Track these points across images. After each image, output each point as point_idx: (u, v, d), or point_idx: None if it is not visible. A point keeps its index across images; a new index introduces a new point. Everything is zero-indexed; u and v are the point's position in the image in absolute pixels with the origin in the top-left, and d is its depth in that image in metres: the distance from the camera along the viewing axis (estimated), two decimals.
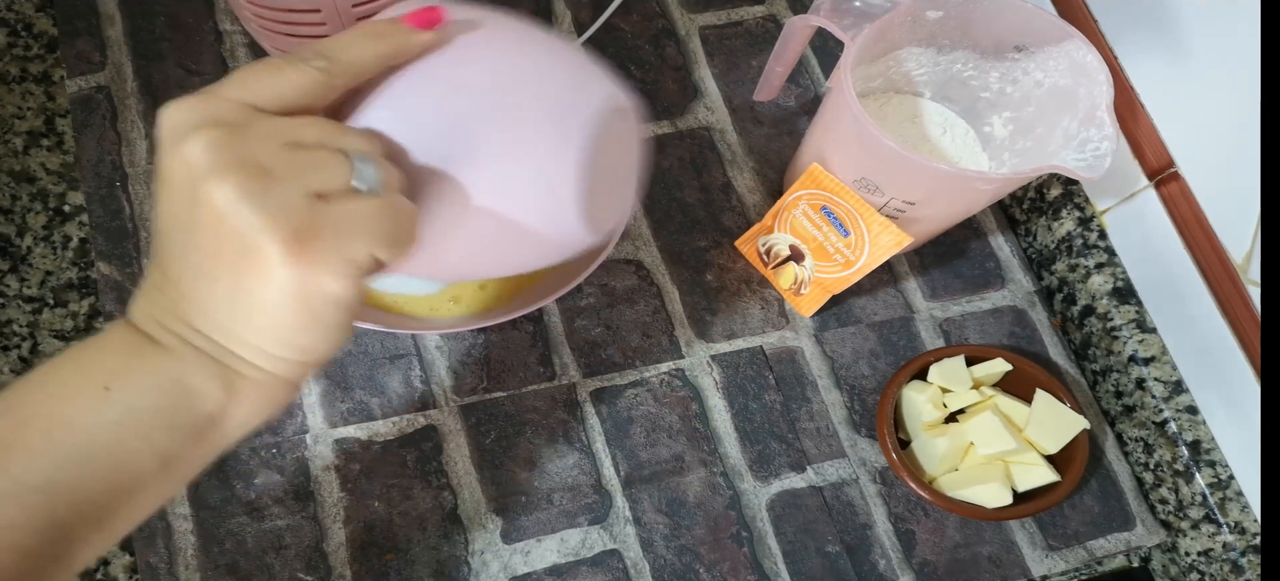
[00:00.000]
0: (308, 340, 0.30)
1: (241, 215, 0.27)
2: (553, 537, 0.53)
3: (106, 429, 0.29)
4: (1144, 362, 0.61)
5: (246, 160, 0.27)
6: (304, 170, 0.28)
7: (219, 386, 0.30)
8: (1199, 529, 0.59)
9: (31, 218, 0.56)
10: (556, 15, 0.70)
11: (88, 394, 0.29)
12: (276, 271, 0.28)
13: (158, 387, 0.30)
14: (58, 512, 0.28)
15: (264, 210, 0.27)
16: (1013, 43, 0.59)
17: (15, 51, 0.60)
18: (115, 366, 0.30)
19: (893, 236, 0.55)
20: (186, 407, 0.30)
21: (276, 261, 0.27)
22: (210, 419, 0.31)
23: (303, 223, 0.27)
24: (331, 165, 0.29)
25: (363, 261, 0.30)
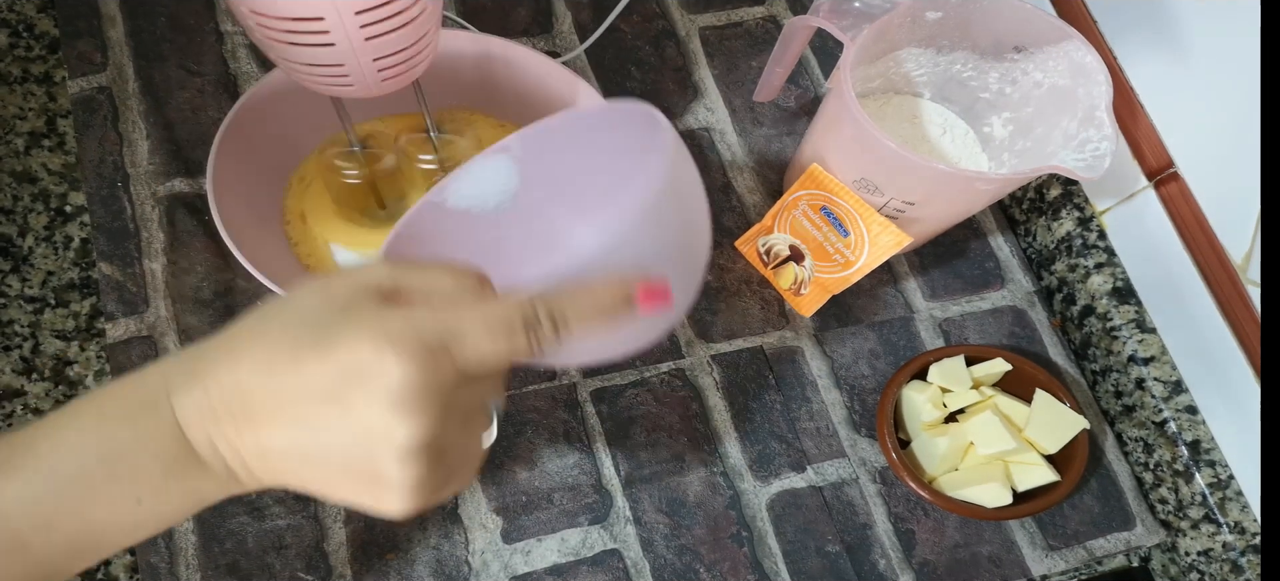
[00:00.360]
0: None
1: (400, 480, 0.28)
2: (553, 537, 0.53)
3: (126, 532, 0.29)
4: (1144, 362, 0.61)
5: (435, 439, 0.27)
6: (464, 460, 0.30)
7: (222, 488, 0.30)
8: (1199, 528, 0.59)
9: (33, 218, 0.56)
10: (557, 16, 0.70)
11: (120, 506, 0.28)
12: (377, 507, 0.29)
13: (184, 501, 0.30)
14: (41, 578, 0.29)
15: (420, 487, 0.28)
16: (1012, 43, 0.59)
17: (17, 52, 0.60)
18: (153, 484, 0.28)
19: (892, 236, 0.55)
20: (195, 507, 0.30)
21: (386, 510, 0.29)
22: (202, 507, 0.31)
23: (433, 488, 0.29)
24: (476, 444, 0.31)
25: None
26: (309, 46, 0.38)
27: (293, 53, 0.39)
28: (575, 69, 0.68)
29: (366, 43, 0.39)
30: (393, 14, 0.38)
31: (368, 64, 0.40)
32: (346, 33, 0.38)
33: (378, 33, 0.39)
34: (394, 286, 0.29)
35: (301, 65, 0.39)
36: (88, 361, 0.53)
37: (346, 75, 0.40)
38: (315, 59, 0.39)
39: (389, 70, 0.41)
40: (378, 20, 0.38)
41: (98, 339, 0.53)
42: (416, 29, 0.40)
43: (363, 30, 0.38)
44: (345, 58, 0.39)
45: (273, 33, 0.38)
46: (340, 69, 0.40)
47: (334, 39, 0.38)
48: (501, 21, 0.69)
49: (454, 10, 0.68)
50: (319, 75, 0.40)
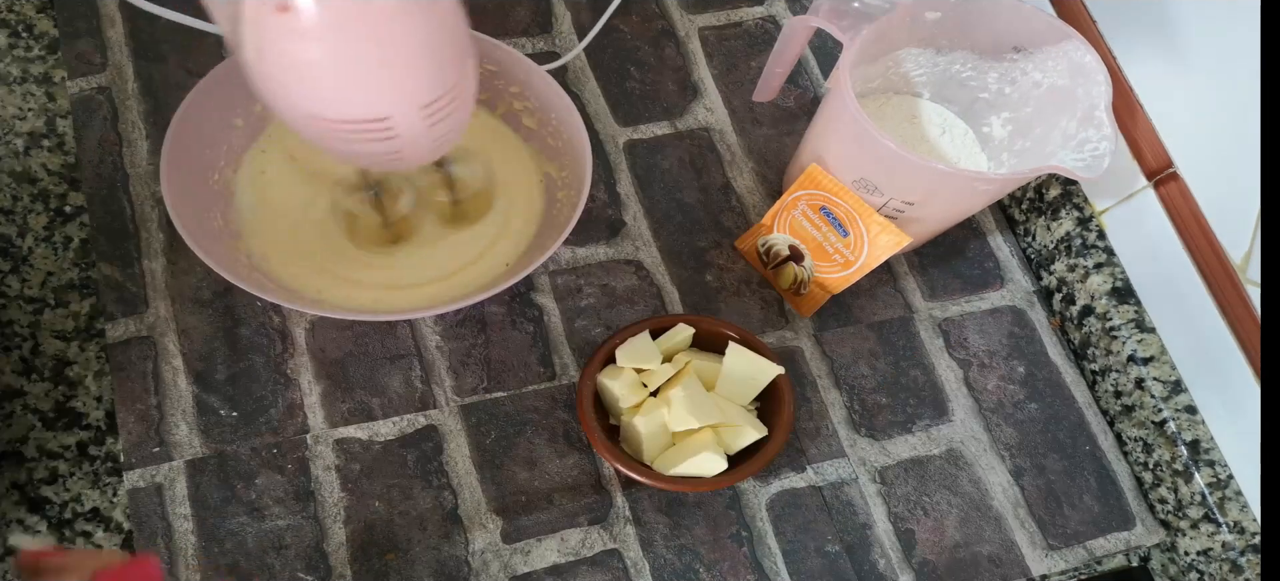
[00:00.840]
0: None
1: None
2: (553, 537, 0.53)
3: None
4: (1143, 362, 0.61)
5: None
6: None
7: None
8: (1198, 528, 0.59)
9: (32, 218, 0.56)
10: (556, 16, 0.70)
11: None
12: None
13: None
14: None
15: None
16: (1011, 43, 0.59)
17: (16, 52, 0.60)
18: None
19: (892, 236, 0.55)
20: None
21: None
22: None
23: None
24: None
25: None
26: (372, 142, 0.38)
27: (353, 148, 0.39)
28: (571, 65, 0.68)
29: (430, 128, 0.39)
30: (454, 100, 0.38)
31: (428, 146, 0.40)
32: (411, 126, 0.38)
33: (439, 118, 0.39)
34: None
35: (358, 155, 0.39)
36: (87, 361, 0.53)
37: (402, 155, 0.40)
38: (376, 151, 0.39)
39: (444, 141, 0.42)
40: (441, 107, 0.38)
41: (97, 339, 0.53)
42: (470, 100, 0.41)
43: (427, 121, 0.38)
44: (406, 147, 0.39)
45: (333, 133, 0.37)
46: (398, 154, 0.40)
47: (398, 132, 0.38)
48: (501, 21, 0.69)
49: None
50: (376, 159, 0.40)
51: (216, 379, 0.53)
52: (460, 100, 0.39)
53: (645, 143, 0.67)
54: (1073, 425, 0.63)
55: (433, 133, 0.39)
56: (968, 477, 0.60)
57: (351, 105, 0.36)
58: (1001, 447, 0.61)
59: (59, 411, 0.51)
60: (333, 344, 0.56)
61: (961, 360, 0.64)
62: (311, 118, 0.36)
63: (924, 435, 0.61)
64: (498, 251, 0.57)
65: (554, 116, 0.59)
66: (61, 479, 0.50)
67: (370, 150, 0.39)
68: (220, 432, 0.52)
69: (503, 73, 0.59)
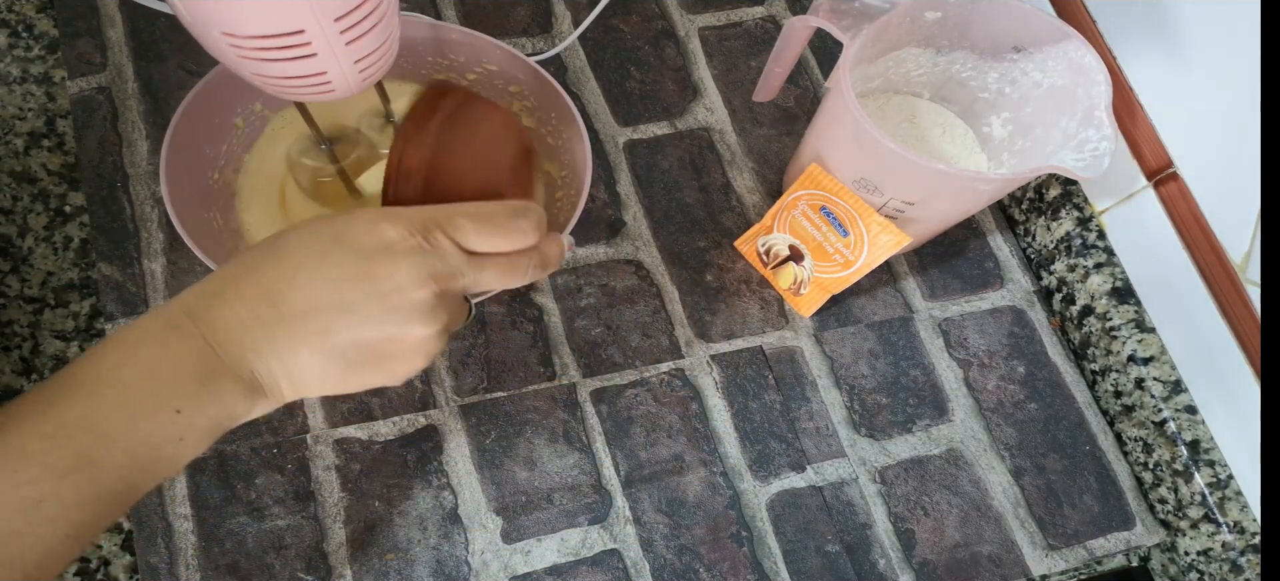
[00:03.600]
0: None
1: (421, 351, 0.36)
2: (553, 537, 0.53)
3: (172, 443, 0.33)
4: (1143, 362, 0.61)
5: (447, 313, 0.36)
6: (454, 321, 0.37)
7: (251, 405, 0.34)
8: (1198, 528, 0.59)
9: (32, 218, 0.56)
10: (556, 16, 0.70)
11: (162, 415, 0.32)
12: (396, 380, 0.36)
13: (219, 411, 0.33)
14: (115, 512, 0.32)
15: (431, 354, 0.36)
16: (1011, 43, 0.59)
17: (16, 52, 0.60)
18: (188, 391, 0.32)
19: (892, 236, 0.55)
20: (229, 420, 0.34)
21: (403, 377, 0.36)
22: (233, 424, 0.35)
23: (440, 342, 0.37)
24: (461, 316, 0.39)
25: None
26: (289, 61, 0.38)
27: (271, 68, 0.38)
28: (571, 65, 0.68)
29: (348, 46, 0.38)
30: (369, 13, 0.38)
31: (350, 66, 0.40)
32: (328, 41, 0.37)
33: (358, 34, 0.38)
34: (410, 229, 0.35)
35: (279, 78, 0.39)
36: None
37: (329, 82, 0.40)
38: (296, 71, 0.38)
39: (369, 68, 0.41)
40: (357, 21, 0.38)
41: (97, 339, 0.53)
42: (389, 23, 0.40)
43: (344, 35, 0.38)
44: (327, 65, 0.39)
45: (247, 51, 0.37)
46: (322, 77, 0.39)
47: (316, 49, 0.38)
48: (501, 21, 0.69)
49: (454, 11, 0.68)
50: (299, 86, 0.40)
51: None
52: (381, 14, 0.39)
53: (645, 142, 0.67)
54: (1073, 425, 0.63)
55: (353, 51, 0.39)
56: (968, 477, 0.60)
57: (263, 19, 0.36)
58: (1001, 447, 0.61)
59: None
60: None
61: (961, 360, 0.64)
62: (228, 37, 0.36)
63: (924, 435, 0.61)
64: None
65: (553, 116, 0.59)
66: None
67: (294, 72, 0.38)
68: None
69: (502, 72, 0.59)
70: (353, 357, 0.34)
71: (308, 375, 0.34)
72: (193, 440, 0.33)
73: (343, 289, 0.33)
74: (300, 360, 0.34)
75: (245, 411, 0.34)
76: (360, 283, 0.33)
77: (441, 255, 0.35)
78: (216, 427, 0.34)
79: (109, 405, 0.31)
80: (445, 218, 0.36)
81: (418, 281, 0.34)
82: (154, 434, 0.32)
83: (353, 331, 0.33)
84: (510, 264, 0.38)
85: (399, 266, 0.34)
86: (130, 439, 0.31)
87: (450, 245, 0.35)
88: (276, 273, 0.34)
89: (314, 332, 0.33)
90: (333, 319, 0.33)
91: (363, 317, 0.34)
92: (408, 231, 0.34)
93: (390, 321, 0.34)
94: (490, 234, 0.37)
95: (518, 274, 0.39)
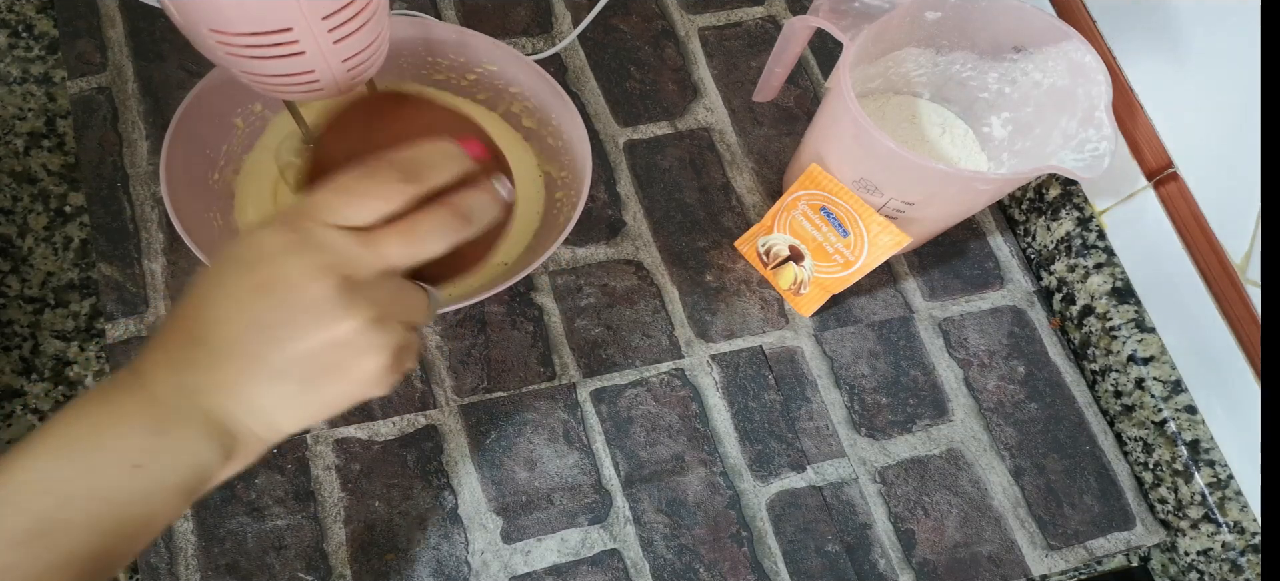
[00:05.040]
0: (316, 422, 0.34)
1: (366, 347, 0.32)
2: (553, 537, 0.53)
3: (137, 502, 0.32)
4: (1143, 362, 0.61)
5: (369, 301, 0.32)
6: (406, 311, 0.34)
7: (224, 456, 0.33)
8: (1198, 528, 0.59)
9: (32, 218, 0.56)
10: (556, 15, 0.70)
11: (120, 472, 0.31)
12: (367, 389, 0.33)
13: (182, 465, 0.32)
14: (87, 573, 0.31)
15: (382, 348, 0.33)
16: (1011, 43, 0.59)
17: (16, 52, 0.60)
18: (144, 446, 0.31)
19: (892, 236, 0.55)
20: (200, 476, 0.33)
21: (373, 384, 0.33)
22: (210, 480, 0.34)
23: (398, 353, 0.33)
24: (420, 305, 0.35)
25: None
26: (277, 58, 0.38)
27: (259, 66, 0.38)
28: (571, 65, 0.68)
29: (336, 45, 0.38)
30: (357, 12, 0.38)
31: (338, 65, 0.39)
32: (316, 39, 0.37)
33: (346, 33, 0.38)
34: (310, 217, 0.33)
35: (268, 77, 0.39)
36: (87, 362, 0.53)
37: (317, 80, 0.40)
38: (284, 69, 0.38)
39: (357, 67, 0.40)
40: (345, 20, 0.38)
41: (97, 339, 0.53)
42: (378, 22, 0.40)
43: (331, 33, 0.38)
44: (315, 63, 0.38)
45: (236, 49, 0.37)
46: (310, 75, 0.39)
47: (304, 48, 0.37)
48: (501, 21, 0.69)
49: (454, 11, 0.68)
50: (287, 84, 0.40)
51: None
52: (370, 13, 0.39)
53: (645, 142, 0.67)
54: (1073, 425, 0.63)
55: (341, 50, 0.39)
56: (968, 477, 0.60)
57: (249, 15, 0.36)
58: (1001, 447, 0.61)
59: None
60: None
61: (961, 360, 0.64)
62: (215, 34, 0.36)
63: (924, 435, 0.61)
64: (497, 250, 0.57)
65: (554, 116, 0.59)
66: None
67: (282, 70, 0.38)
68: None
69: (502, 72, 0.59)
70: (300, 375, 0.32)
71: (268, 407, 0.33)
72: (162, 499, 0.32)
73: (250, 308, 0.32)
74: (251, 394, 0.32)
75: (220, 463, 0.33)
76: (261, 296, 0.32)
77: (318, 242, 0.32)
78: (191, 485, 0.32)
79: (65, 465, 0.30)
80: (308, 202, 0.33)
81: (309, 275, 0.31)
82: (115, 492, 0.31)
83: (281, 348, 0.31)
84: (410, 228, 0.33)
85: (285, 267, 0.31)
86: (89, 499, 0.30)
87: (323, 228, 0.32)
88: (194, 312, 0.32)
89: (248, 361, 0.32)
90: (255, 341, 0.32)
91: (281, 330, 0.31)
92: (278, 229, 0.32)
93: (309, 324, 0.31)
94: (352, 200, 0.33)
95: (429, 237, 0.34)
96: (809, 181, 0.57)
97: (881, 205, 0.57)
